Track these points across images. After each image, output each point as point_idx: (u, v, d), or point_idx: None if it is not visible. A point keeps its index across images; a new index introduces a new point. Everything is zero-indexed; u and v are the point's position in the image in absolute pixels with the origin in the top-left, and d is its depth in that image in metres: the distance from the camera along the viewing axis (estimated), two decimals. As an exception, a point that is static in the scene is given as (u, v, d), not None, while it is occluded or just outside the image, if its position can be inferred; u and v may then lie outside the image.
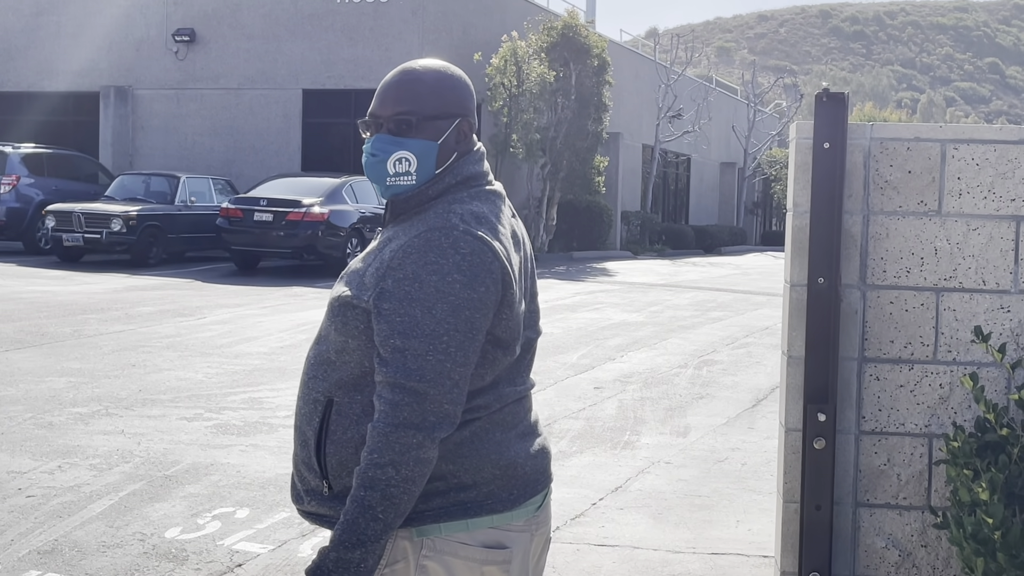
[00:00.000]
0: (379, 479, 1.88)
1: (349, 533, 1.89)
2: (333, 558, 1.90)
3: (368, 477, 1.89)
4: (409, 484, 1.89)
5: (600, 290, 17.46)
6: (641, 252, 30.82)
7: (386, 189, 2.08)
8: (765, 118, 45.79)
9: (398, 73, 2.09)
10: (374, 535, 1.89)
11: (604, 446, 6.76)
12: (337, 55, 24.28)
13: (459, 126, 2.09)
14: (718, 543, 4.96)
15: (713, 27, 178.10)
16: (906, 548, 3.44)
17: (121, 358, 9.10)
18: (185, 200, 19.50)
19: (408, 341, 1.90)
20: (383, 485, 1.88)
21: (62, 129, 25.80)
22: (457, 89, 2.10)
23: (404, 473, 1.88)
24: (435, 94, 2.07)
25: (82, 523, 4.92)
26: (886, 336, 3.41)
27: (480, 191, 2.08)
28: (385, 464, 1.88)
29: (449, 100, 2.08)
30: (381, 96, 2.08)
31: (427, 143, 2.05)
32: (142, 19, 25.68)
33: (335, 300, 2.03)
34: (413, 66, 2.10)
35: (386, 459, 1.88)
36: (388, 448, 1.88)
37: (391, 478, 1.88)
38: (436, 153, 2.06)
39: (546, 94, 25.25)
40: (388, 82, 2.09)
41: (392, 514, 1.90)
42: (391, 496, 1.88)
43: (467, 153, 2.11)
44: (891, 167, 3.39)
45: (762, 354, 10.63)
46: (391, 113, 2.06)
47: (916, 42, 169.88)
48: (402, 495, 1.89)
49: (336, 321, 2.01)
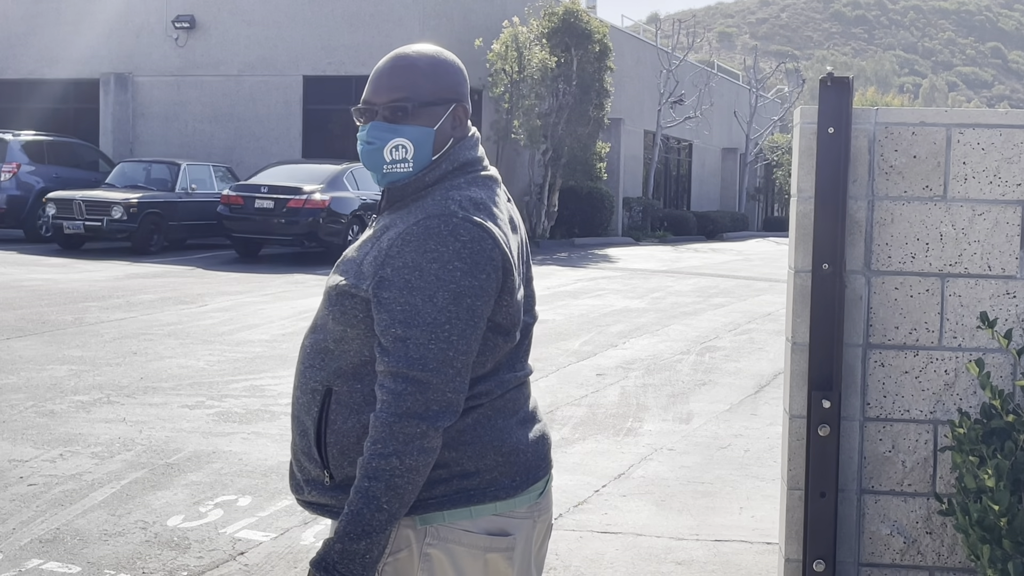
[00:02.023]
0: (383, 469, 1.87)
1: (354, 524, 1.87)
2: (338, 549, 1.88)
3: (372, 467, 1.87)
4: (413, 474, 1.88)
5: (602, 276, 17.45)
6: (643, 238, 30.80)
7: (383, 177, 2.05)
8: (767, 103, 45.70)
9: (391, 59, 2.05)
10: (379, 526, 1.88)
11: (606, 433, 6.75)
12: (338, 41, 24.22)
13: (454, 111, 2.06)
14: (721, 530, 4.95)
15: (715, 12, 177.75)
16: (911, 535, 3.43)
17: (122, 346, 9.09)
18: (186, 187, 19.47)
19: (409, 330, 1.88)
20: (387, 475, 1.87)
21: (62, 117, 25.77)
22: (452, 74, 2.06)
23: (408, 463, 1.87)
24: (430, 79, 2.03)
25: (84, 511, 4.91)
26: (891, 322, 3.39)
27: (476, 177, 2.06)
28: (389, 454, 1.87)
29: (444, 85, 2.05)
30: (375, 83, 2.05)
31: (423, 129, 2.02)
32: (142, 6, 25.61)
33: (332, 289, 2.01)
34: (407, 51, 2.06)
35: (390, 449, 1.87)
36: (392, 438, 1.87)
37: (395, 468, 1.87)
38: (432, 139, 2.03)
39: (547, 80, 25.19)
40: (381, 68, 2.05)
41: (397, 504, 1.88)
42: (396, 486, 1.87)
43: (463, 139, 2.08)
44: (896, 152, 3.37)
45: (764, 340, 10.61)
46: (386, 100, 2.02)
47: (918, 27, 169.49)
48: (407, 485, 1.88)
49: (334, 310, 1.99)
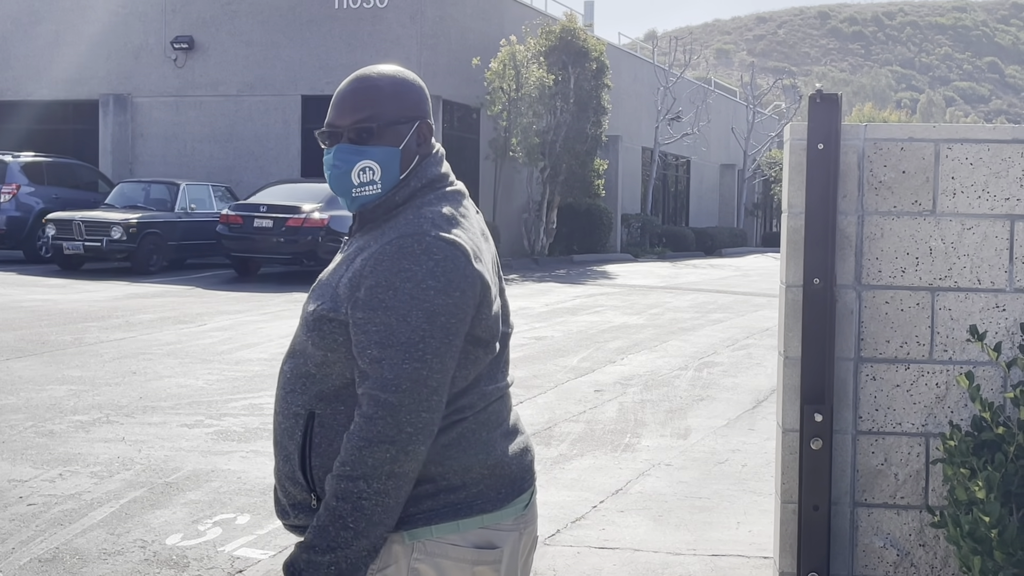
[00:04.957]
0: (351, 491, 1.88)
1: (320, 538, 1.90)
2: (304, 559, 1.91)
3: (340, 488, 1.89)
4: (383, 497, 1.88)
5: (600, 293, 17.47)
6: (641, 255, 30.84)
7: (352, 201, 2.05)
8: (764, 119, 45.82)
9: (353, 81, 2.06)
10: (344, 542, 1.89)
11: (604, 449, 6.76)
12: (336, 61, 24.29)
13: (419, 129, 2.07)
14: (718, 545, 4.96)
15: (712, 29, 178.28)
16: (904, 547, 3.45)
17: (122, 365, 9.11)
18: (185, 207, 19.51)
19: (384, 350, 1.88)
20: (354, 498, 1.88)
21: (61, 137, 25.82)
22: (414, 92, 2.07)
23: (376, 487, 1.88)
24: (393, 99, 2.04)
25: (83, 531, 4.93)
26: (882, 336, 3.41)
27: (445, 192, 2.07)
28: (356, 477, 1.88)
29: (407, 104, 2.06)
30: (338, 106, 2.04)
31: (389, 149, 2.03)
32: (140, 27, 25.71)
33: (310, 315, 2.01)
34: (368, 73, 2.07)
35: (358, 472, 1.88)
36: (360, 462, 1.88)
37: (363, 491, 1.88)
38: (399, 159, 2.04)
39: (545, 98, 25.28)
40: (344, 91, 2.06)
41: (364, 523, 1.89)
42: (362, 508, 1.88)
43: (428, 155, 2.09)
44: (885, 167, 3.40)
45: (762, 355, 10.63)
46: (350, 122, 2.02)
47: (915, 42, 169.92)
48: (375, 507, 1.88)
49: (313, 335, 1.99)
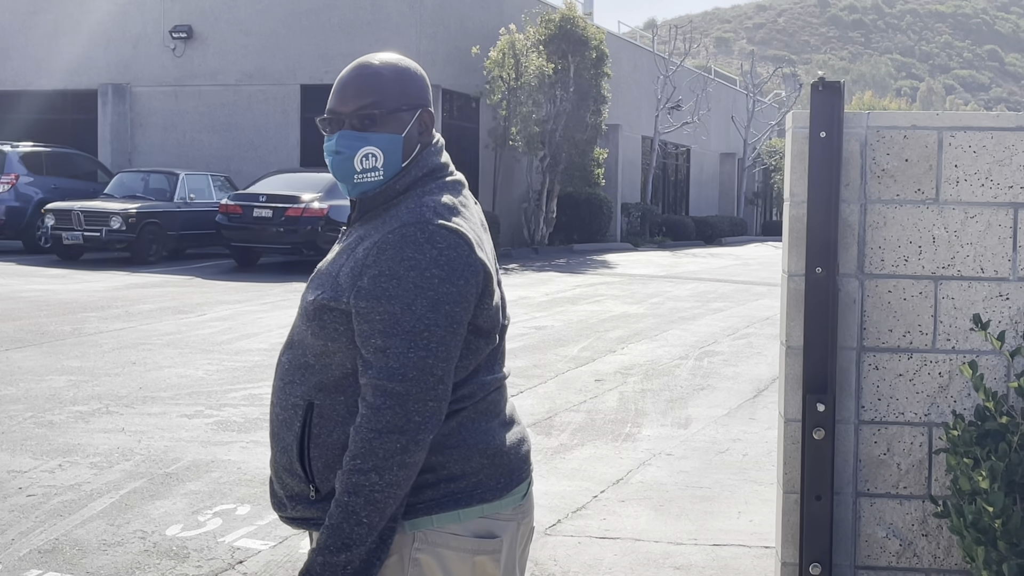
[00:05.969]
0: (363, 485, 1.87)
1: (335, 538, 1.89)
2: (320, 562, 1.89)
3: (352, 483, 1.88)
4: (394, 488, 1.88)
5: (600, 282, 17.45)
6: (641, 244, 30.82)
7: (353, 187, 2.05)
8: (764, 108, 45.76)
9: (355, 68, 2.06)
10: (359, 539, 1.88)
11: (605, 438, 6.76)
12: (335, 50, 24.23)
13: (420, 117, 2.07)
14: (720, 534, 4.95)
15: (711, 17, 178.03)
16: (907, 537, 3.43)
17: (121, 356, 9.10)
18: (184, 197, 19.49)
19: (389, 339, 1.88)
20: (367, 491, 1.87)
21: (60, 127, 25.79)
22: (416, 80, 2.08)
23: (388, 478, 1.87)
24: (396, 86, 2.04)
25: (83, 521, 4.92)
26: (885, 325, 3.40)
27: (445, 182, 2.07)
28: (368, 470, 1.87)
29: (410, 91, 2.06)
30: (340, 92, 2.04)
31: (392, 136, 2.03)
32: (139, 16, 25.65)
33: (310, 304, 2.00)
34: (370, 60, 2.07)
35: (369, 465, 1.87)
36: (371, 454, 1.87)
37: (375, 483, 1.87)
38: (401, 146, 2.04)
39: (544, 87, 25.23)
40: (346, 78, 2.05)
41: (377, 517, 1.89)
42: (375, 501, 1.88)
43: (429, 144, 2.09)
44: (888, 155, 3.38)
45: (763, 344, 10.62)
46: (353, 108, 2.02)
47: (915, 30, 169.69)
48: (387, 499, 1.88)
49: (313, 325, 1.98)
